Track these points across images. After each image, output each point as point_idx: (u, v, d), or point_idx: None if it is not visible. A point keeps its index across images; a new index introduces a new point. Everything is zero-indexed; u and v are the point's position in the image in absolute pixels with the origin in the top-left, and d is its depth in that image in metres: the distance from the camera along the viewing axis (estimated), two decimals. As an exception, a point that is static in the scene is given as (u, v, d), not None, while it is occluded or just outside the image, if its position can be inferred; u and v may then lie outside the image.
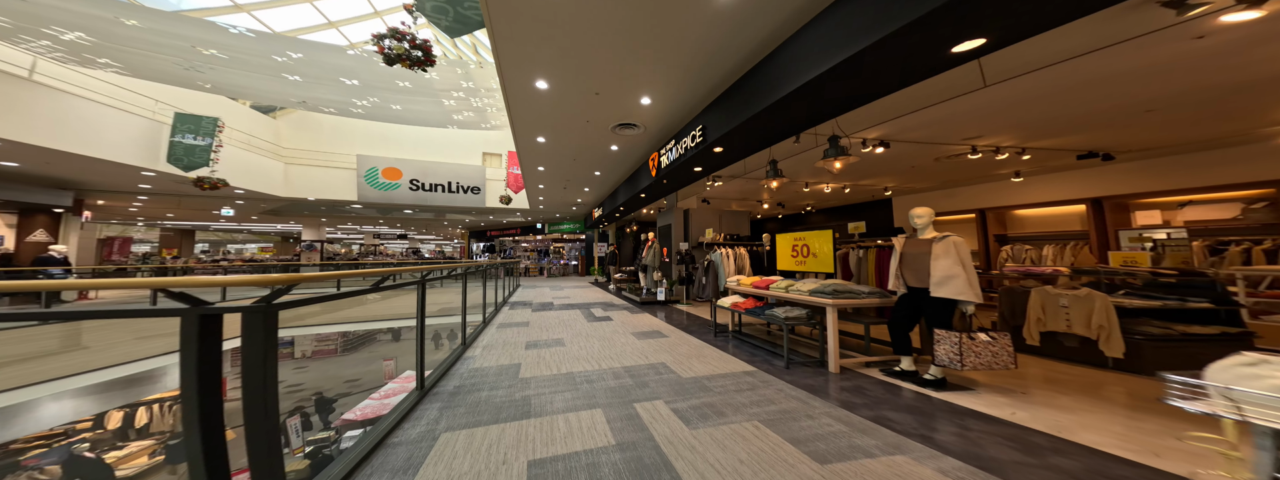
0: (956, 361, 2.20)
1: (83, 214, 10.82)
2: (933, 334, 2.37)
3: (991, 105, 3.36)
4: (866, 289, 2.79)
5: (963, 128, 3.88)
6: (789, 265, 3.91)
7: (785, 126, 3.45)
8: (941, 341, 2.29)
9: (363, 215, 14.79)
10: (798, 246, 3.72)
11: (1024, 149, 4.21)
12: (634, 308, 6.65)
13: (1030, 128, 3.79)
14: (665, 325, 5.00)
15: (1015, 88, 2.98)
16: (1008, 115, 3.53)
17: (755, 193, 8.04)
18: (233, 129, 9.33)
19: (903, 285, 2.67)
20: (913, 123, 3.80)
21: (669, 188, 6.13)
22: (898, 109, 3.52)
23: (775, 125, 3.40)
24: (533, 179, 8.19)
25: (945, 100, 3.29)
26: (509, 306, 7.05)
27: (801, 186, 6.77)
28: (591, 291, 9.70)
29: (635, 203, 7.60)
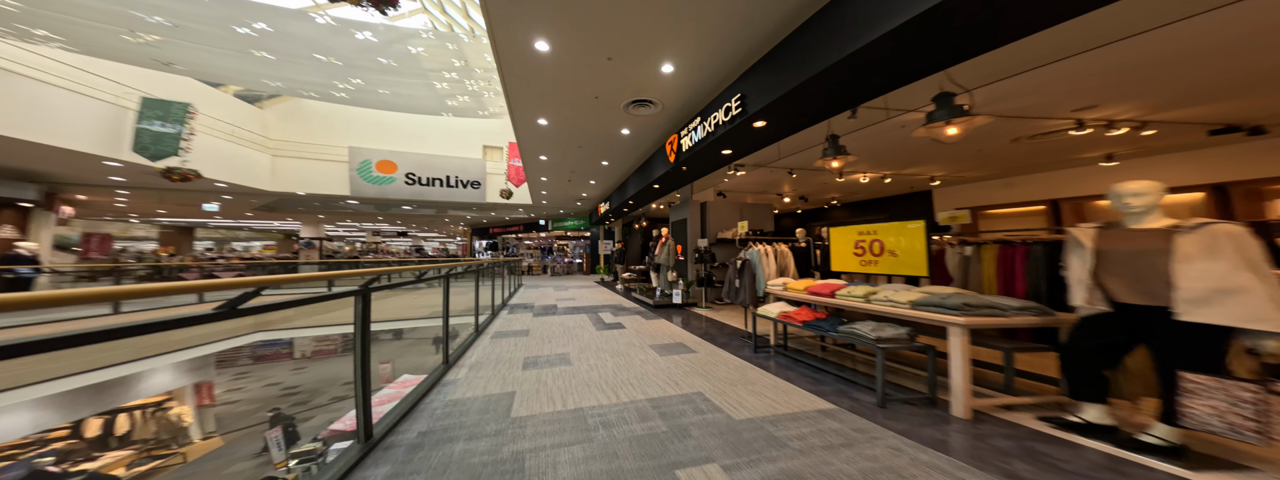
0: (1247, 430, 1.27)
1: (60, 209, 10.10)
2: (1173, 379, 1.47)
3: (1117, 66, 2.51)
4: (1015, 303, 1.90)
5: (1072, 96, 3.02)
6: (850, 266, 3.06)
7: (854, 92, 2.60)
8: (1204, 393, 1.37)
9: (360, 212, 14.03)
10: (865, 242, 2.87)
11: (1145, 123, 3.34)
12: (647, 312, 5.82)
13: (1165, 93, 2.93)
14: (689, 335, 4.17)
15: (1155, 42, 2.13)
16: (1138, 79, 2.67)
17: (775, 185, 7.18)
18: (214, 118, 8.54)
19: (1100, 299, 1.74)
20: (1008, 90, 2.95)
21: (688, 176, 5.28)
22: (999, 69, 2.67)
23: (840, 91, 2.56)
24: (535, 170, 7.37)
25: (1059, 59, 2.44)
26: (508, 310, 6.24)
27: (835, 176, 5.90)
28: (598, 292, 8.88)
29: (647, 195, 6.76)
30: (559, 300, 7.40)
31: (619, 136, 5.38)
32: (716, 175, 6.39)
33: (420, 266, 2.79)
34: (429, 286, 9.19)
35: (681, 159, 4.55)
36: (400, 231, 21.36)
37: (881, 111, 3.38)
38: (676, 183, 5.78)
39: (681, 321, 5.02)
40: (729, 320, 5.04)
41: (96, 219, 17.03)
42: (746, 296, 3.51)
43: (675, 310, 5.84)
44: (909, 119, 3.55)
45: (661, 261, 6.24)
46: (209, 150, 8.28)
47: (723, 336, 4.05)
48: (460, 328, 4.48)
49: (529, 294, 8.70)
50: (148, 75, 7.42)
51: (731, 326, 4.59)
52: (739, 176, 5.92)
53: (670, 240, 6.27)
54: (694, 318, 5.28)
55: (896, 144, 4.46)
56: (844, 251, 3.12)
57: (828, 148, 3.04)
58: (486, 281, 5.74)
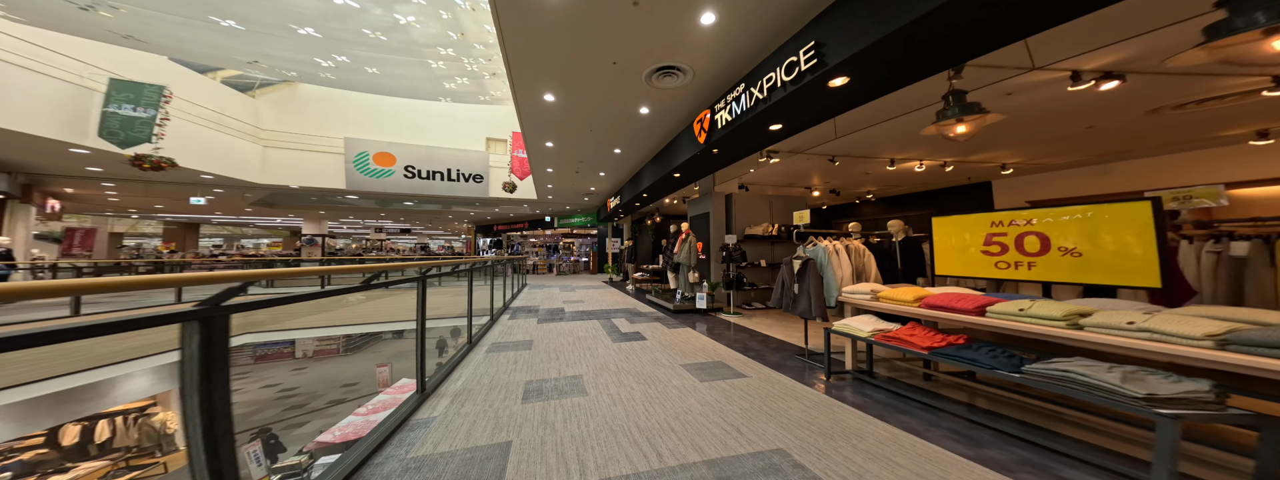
0: None
1: (45, 203, 9.49)
2: None
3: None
4: None
5: None
6: (972, 268, 2.20)
7: (986, 34, 1.78)
8: None
9: (362, 207, 13.35)
10: (1006, 237, 2.00)
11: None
12: (668, 318, 5.01)
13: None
14: (728, 351, 3.36)
15: None
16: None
17: (804, 176, 6.31)
18: (199, 105, 7.84)
19: None
20: (1182, 39, 2.09)
21: (718, 161, 4.46)
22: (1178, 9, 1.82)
23: (969, 33, 1.75)
24: (540, 160, 6.57)
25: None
26: (510, 314, 5.46)
27: (885, 164, 5.04)
28: (608, 294, 8.08)
29: (665, 186, 5.94)
30: (566, 303, 6.61)
31: (636, 117, 4.57)
32: (742, 166, 5.56)
33: (377, 266, 2.01)
34: (421, 286, 8.49)
35: (714, 139, 3.73)
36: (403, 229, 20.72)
37: (995, 70, 2.52)
38: (701, 170, 4.96)
39: (712, 331, 4.21)
40: (769, 330, 4.21)
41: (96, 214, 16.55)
42: (810, 306, 2.68)
43: (699, 316, 5.02)
44: (1018, 83, 2.70)
45: (682, 260, 5.42)
46: (192, 139, 7.58)
47: (771, 353, 3.24)
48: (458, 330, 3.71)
49: (533, 295, 7.93)
50: (121, 56, 6.73)
51: (776, 339, 3.77)
52: (770, 165, 5.08)
53: (691, 237, 5.45)
54: (725, 326, 4.46)
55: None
56: (960, 249, 2.27)
57: (949, 107, 2.21)
58: (485, 282, 4.96)
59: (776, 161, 4.92)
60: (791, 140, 4.17)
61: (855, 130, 3.78)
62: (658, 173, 5.62)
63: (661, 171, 5.43)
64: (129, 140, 5.93)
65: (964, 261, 2.25)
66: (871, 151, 4.68)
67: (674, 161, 4.91)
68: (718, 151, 4.06)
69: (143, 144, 6.02)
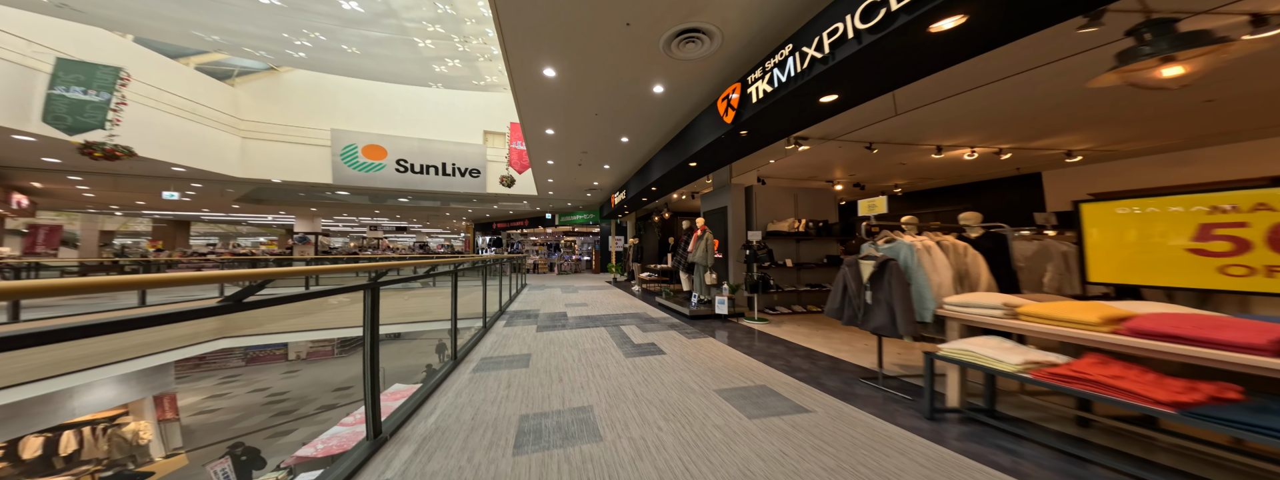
0: None
1: (10, 198, 8.76)
2: None
3: None
4: None
5: None
6: (1176, 273, 1.44)
7: None
8: None
9: (354, 204, 12.64)
10: (1241, 229, 1.31)
11: None
12: (684, 326, 4.37)
13: None
14: (768, 370, 2.73)
15: None
16: None
17: (825, 168, 5.68)
18: (169, 92, 7.13)
19: None
20: None
21: (745, 146, 3.81)
22: None
23: None
24: (540, 151, 5.91)
25: None
26: (506, 320, 4.82)
27: (929, 152, 4.40)
28: (614, 295, 7.44)
29: (678, 177, 5.29)
30: (568, 306, 5.96)
31: (649, 98, 3.92)
32: (762, 156, 4.93)
33: (328, 269, 1.37)
34: (397, 292, 7.72)
35: (744, 118, 3.09)
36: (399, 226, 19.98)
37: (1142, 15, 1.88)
38: (722, 158, 4.31)
39: (740, 342, 3.57)
40: (808, 341, 3.57)
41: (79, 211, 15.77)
42: (893, 320, 2.00)
43: (719, 323, 4.38)
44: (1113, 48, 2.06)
45: (698, 260, 4.78)
46: (159, 128, 6.88)
47: (826, 375, 2.61)
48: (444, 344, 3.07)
49: (533, 296, 7.28)
50: (80, 36, 6.00)
51: (822, 354, 3.12)
52: (796, 154, 4.44)
53: (708, 233, 4.81)
54: (753, 336, 3.83)
55: (1051, 100, 2.98)
56: (1144, 245, 1.59)
57: (1150, 43, 1.55)
58: (476, 283, 4.31)
59: (805, 149, 4.27)
60: (826, 124, 3.53)
61: (915, 107, 3.14)
62: (670, 162, 4.97)
63: (675, 161, 4.78)
64: (78, 126, 5.24)
65: (1151, 264, 1.57)
66: (916, 137, 4.04)
67: (691, 148, 4.26)
68: (747, 133, 3.41)
69: (94, 130, 5.32)
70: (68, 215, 18.58)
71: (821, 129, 3.90)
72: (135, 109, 6.54)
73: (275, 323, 7.28)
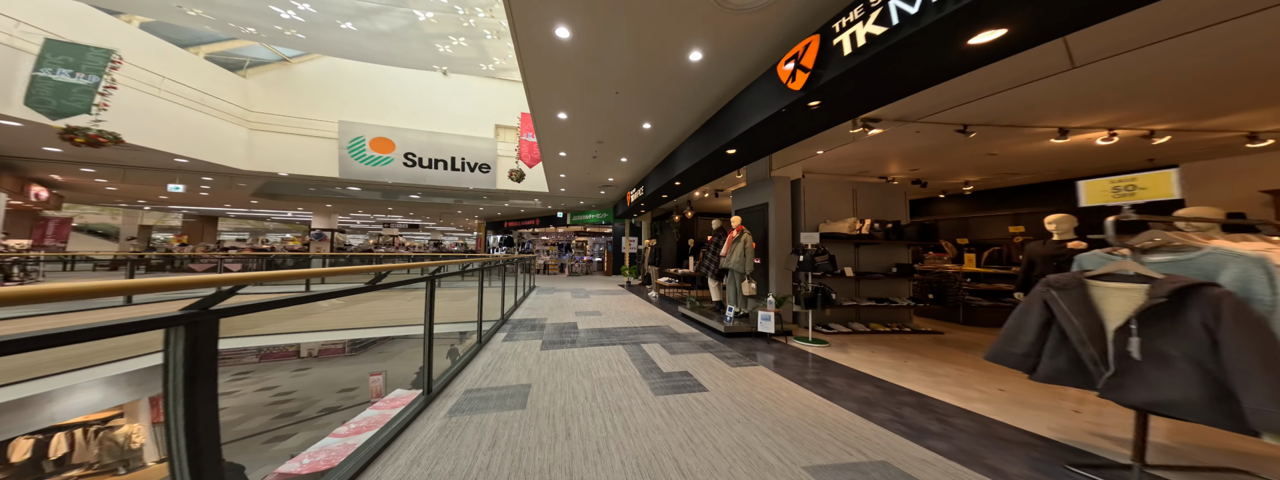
0: None
1: (29, 191, 8.65)
2: None
3: None
4: None
5: None
6: None
7: None
8: None
9: (366, 200, 12.28)
10: None
11: None
12: (721, 346, 3.53)
13: None
14: (879, 431, 1.88)
15: None
16: None
17: (879, 161, 4.73)
18: (172, 81, 6.77)
19: None
20: None
21: (810, 123, 2.97)
22: None
23: None
24: (551, 139, 5.19)
25: None
26: (506, 332, 4.08)
27: (1047, 135, 3.44)
28: (629, 302, 6.64)
29: (710, 168, 4.47)
30: (579, 315, 5.20)
31: (682, 68, 3.13)
32: (808, 146, 4.05)
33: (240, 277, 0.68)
34: (393, 291, 7.06)
35: (825, 80, 2.26)
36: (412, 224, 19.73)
37: None
38: (770, 143, 3.47)
39: (807, 376, 2.71)
40: (901, 377, 2.68)
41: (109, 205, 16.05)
42: (1221, 399, 1.03)
43: (764, 344, 3.52)
44: None
45: (733, 266, 3.94)
46: (162, 117, 6.51)
47: (985, 446, 1.72)
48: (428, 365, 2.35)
49: (541, 301, 6.56)
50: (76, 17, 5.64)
51: (945, 403, 2.21)
52: (859, 141, 3.56)
53: (746, 235, 3.97)
54: (819, 366, 2.95)
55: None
56: None
57: None
58: (472, 287, 3.58)
59: (876, 134, 3.39)
60: (910, 102, 2.65)
61: (1103, 57, 2.21)
62: (701, 150, 4.16)
63: (708, 148, 3.96)
64: (62, 110, 4.80)
65: None
66: (1032, 117, 3.10)
67: (730, 132, 3.44)
68: (820, 104, 2.56)
69: (78, 115, 4.89)
70: (111, 210, 19.08)
71: (904, 107, 3.02)
72: (138, 97, 6.17)
73: (276, 323, 6.79)
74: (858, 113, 2.70)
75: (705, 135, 4.10)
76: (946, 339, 3.70)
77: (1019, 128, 3.24)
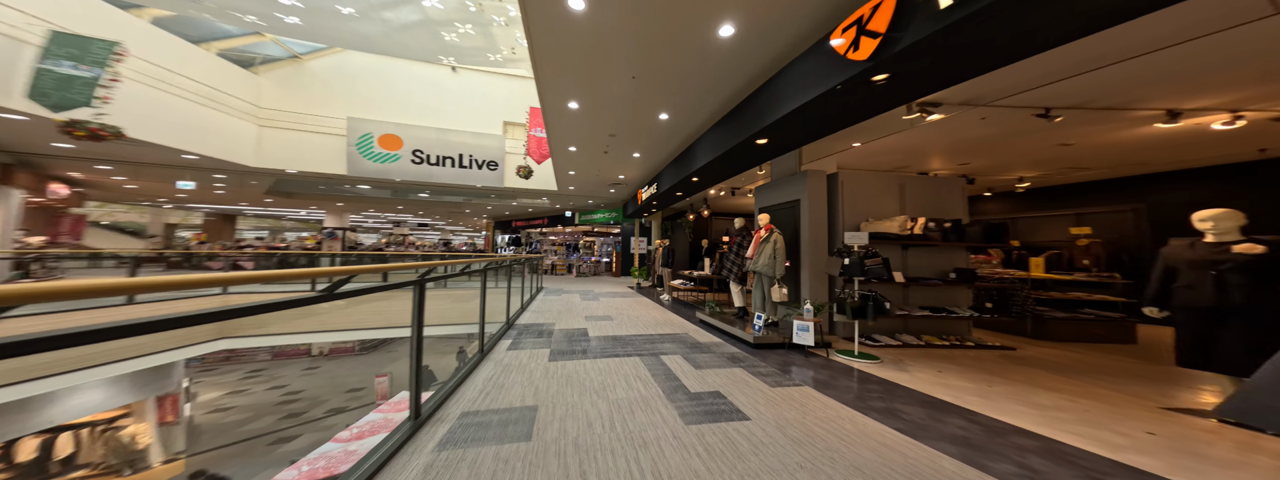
0: None
1: (48, 188, 8.69)
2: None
3: None
4: None
5: None
6: None
7: None
8: None
9: (376, 198, 12.16)
10: None
11: None
12: (753, 359, 3.11)
13: None
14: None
15: None
16: None
17: (921, 155, 4.25)
18: (183, 76, 6.65)
19: None
20: None
21: (861, 106, 2.53)
22: None
23: None
24: (561, 132, 4.84)
25: None
26: (512, 339, 3.73)
27: (1151, 119, 2.92)
28: (641, 305, 6.25)
29: (734, 160, 4.05)
30: (590, 320, 4.82)
31: (710, 46, 2.74)
32: (851, 135, 3.60)
33: None
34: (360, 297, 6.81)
35: (904, 45, 1.84)
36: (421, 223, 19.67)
37: None
38: (809, 131, 3.04)
39: (870, 402, 2.26)
40: (991, 405, 2.21)
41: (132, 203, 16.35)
42: None
43: (801, 358, 3.08)
44: None
45: (762, 268, 3.51)
46: (171, 113, 6.38)
47: None
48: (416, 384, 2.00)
49: (549, 304, 6.21)
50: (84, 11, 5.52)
51: (1087, 452, 1.66)
52: (903, 132, 3.11)
53: (776, 235, 3.54)
54: (887, 391, 2.49)
55: None
56: None
57: None
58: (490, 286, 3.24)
59: (935, 120, 2.93)
60: (988, 80, 2.20)
61: (1022, 89, 1.74)
62: (726, 141, 3.74)
63: (735, 138, 3.55)
64: (63, 103, 4.64)
65: None
66: (1131, 98, 2.60)
67: (765, 116, 3.02)
68: (888, 78, 2.13)
69: (79, 108, 4.72)
70: (139, 209, 19.53)
71: (975, 87, 2.56)
72: (146, 92, 6.05)
73: (279, 323, 6.60)
74: (926, 90, 2.26)
75: (731, 125, 3.69)
76: (1021, 356, 3.19)
77: (1117, 111, 2.74)
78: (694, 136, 4.75)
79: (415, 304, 1.82)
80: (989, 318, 3.29)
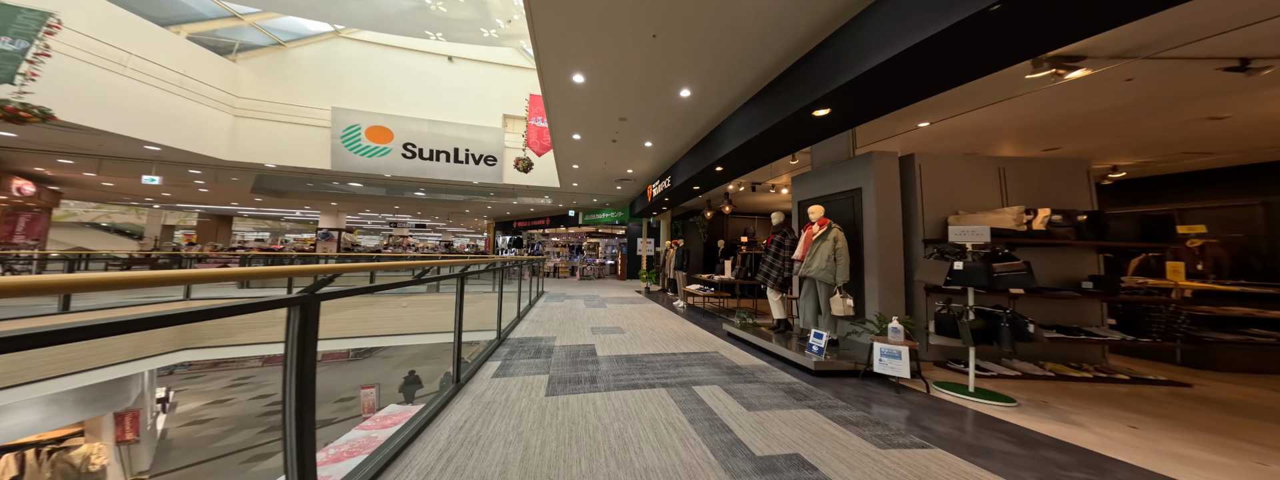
0: None
1: (12, 185, 7.99)
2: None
3: None
4: None
5: None
6: None
7: None
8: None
9: (371, 197, 11.41)
10: None
11: None
12: (826, 395, 2.30)
13: None
14: None
15: None
16: None
17: (992, 137, 3.46)
18: (147, 60, 5.94)
19: None
20: None
21: (976, 57, 1.74)
22: None
23: None
24: (564, 114, 4.07)
25: None
26: (499, 360, 2.95)
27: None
28: (654, 314, 5.45)
29: (777, 141, 3.27)
30: (597, 332, 4.04)
31: None
32: (918, 112, 2.84)
33: None
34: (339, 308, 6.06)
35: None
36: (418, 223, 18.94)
37: None
38: (889, 98, 2.25)
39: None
40: None
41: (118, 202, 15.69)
42: None
43: (895, 395, 2.25)
44: None
45: (816, 274, 2.72)
46: (130, 99, 5.65)
47: None
48: None
49: (550, 312, 5.42)
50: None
51: None
52: (1041, 89, 2.33)
53: (835, 231, 2.74)
54: (1078, 460, 1.66)
55: None
56: None
57: None
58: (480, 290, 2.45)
59: (1075, 78, 2.15)
60: (1148, 25, 1.42)
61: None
62: (771, 115, 2.97)
63: (783, 110, 2.77)
64: (-20, 77, 3.91)
65: None
66: None
67: (837, 76, 2.25)
68: (1024, 6, 1.34)
69: (2, 85, 3.99)
70: (137, 210, 18.88)
71: (1142, 32, 1.78)
72: (99, 74, 5.33)
73: (248, 332, 5.84)
74: (1074, 34, 1.47)
75: (777, 94, 2.91)
76: (1203, 396, 2.32)
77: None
78: (722, 116, 3.97)
79: (301, 327, 1.04)
80: (1129, 341, 2.42)
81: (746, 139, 3.40)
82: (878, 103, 2.39)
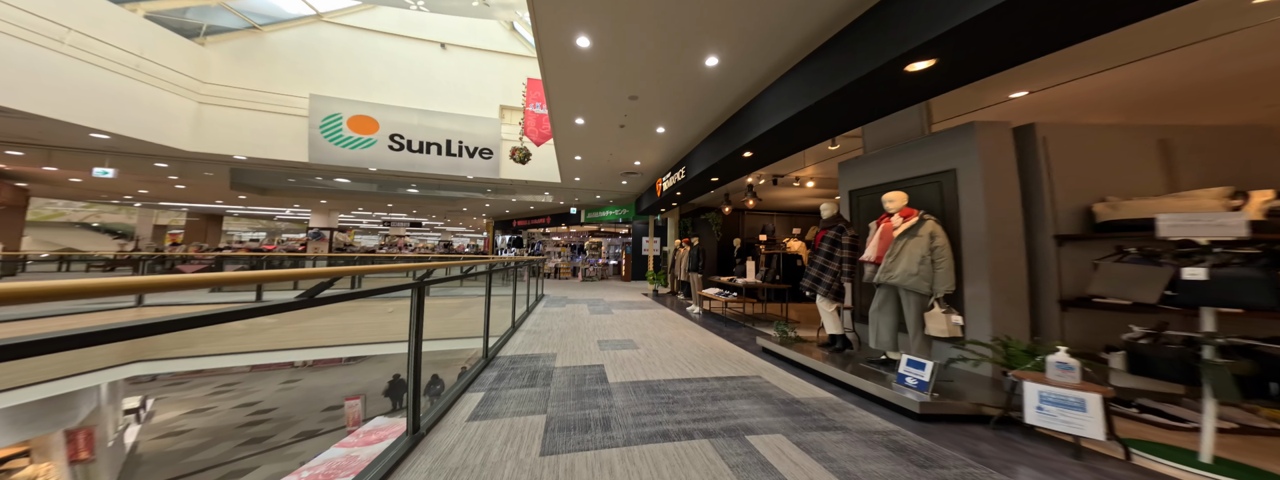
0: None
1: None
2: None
3: None
4: None
5: None
6: None
7: None
8: None
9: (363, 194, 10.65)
10: None
11: None
12: (960, 457, 1.59)
13: None
14: None
15: None
16: None
17: (1111, 105, 2.75)
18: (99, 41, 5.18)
19: None
20: None
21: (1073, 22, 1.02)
22: None
23: None
24: (565, 93, 3.34)
25: None
26: (482, 390, 2.24)
27: None
28: (667, 321, 4.75)
29: (830, 115, 2.57)
30: (605, 348, 3.34)
31: None
32: (1004, 82, 2.12)
33: None
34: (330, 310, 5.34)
35: None
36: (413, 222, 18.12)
37: None
38: (1037, 35, 1.53)
39: None
40: None
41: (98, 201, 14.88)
42: None
43: (1076, 463, 1.53)
44: None
45: (904, 281, 2.01)
46: (73, 82, 4.90)
47: None
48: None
49: (549, 320, 4.71)
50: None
51: None
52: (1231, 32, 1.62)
53: (931, 226, 2.03)
54: None
55: None
56: None
57: None
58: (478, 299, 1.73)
59: None
60: None
61: None
62: (832, 80, 2.26)
63: (859, 67, 2.07)
64: None
65: None
66: None
67: (938, 22, 1.52)
68: None
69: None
70: (128, 209, 18.05)
71: None
72: (33, 51, 4.59)
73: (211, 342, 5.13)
74: None
75: (838, 55, 2.20)
76: None
77: None
78: (757, 89, 3.26)
79: None
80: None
81: (790, 114, 2.70)
82: (1008, 48, 1.67)
